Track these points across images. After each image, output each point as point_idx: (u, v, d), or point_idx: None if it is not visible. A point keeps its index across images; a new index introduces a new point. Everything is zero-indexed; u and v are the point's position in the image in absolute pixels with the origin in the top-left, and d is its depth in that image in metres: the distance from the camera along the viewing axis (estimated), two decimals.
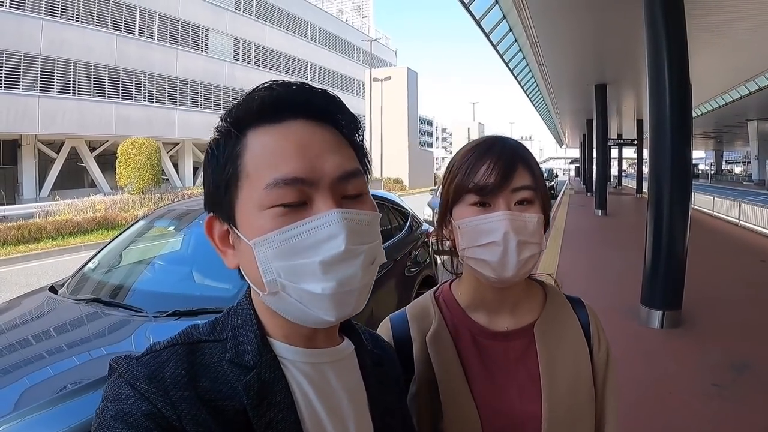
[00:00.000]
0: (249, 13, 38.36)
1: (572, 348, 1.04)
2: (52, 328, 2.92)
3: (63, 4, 25.55)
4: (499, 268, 0.94)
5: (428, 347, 1.04)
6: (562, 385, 0.99)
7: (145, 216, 4.43)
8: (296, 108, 0.69)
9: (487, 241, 0.94)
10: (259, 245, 0.65)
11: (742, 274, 8.72)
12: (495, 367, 1.03)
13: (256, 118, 0.68)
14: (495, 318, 1.07)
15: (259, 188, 0.65)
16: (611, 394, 1.08)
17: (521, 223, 0.94)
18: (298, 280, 0.64)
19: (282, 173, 0.64)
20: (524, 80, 21.69)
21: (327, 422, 0.71)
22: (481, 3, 11.82)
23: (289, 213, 0.65)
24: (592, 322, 1.10)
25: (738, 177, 68.49)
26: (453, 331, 1.07)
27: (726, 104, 26.49)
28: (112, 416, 0.59)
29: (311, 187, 0.66)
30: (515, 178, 0.96)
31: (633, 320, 5.78)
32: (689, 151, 5.87)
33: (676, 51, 5.66)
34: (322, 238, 0.64)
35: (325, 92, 0.72)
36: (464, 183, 0.98)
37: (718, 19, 10.85)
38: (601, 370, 1.07)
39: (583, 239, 12.70)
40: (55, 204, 16.73)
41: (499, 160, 0.96)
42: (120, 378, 0.63)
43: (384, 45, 61.17)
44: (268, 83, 0.70)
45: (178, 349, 0.67)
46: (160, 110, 31.43)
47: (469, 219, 0.97)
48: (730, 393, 4.04)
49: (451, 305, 1.11)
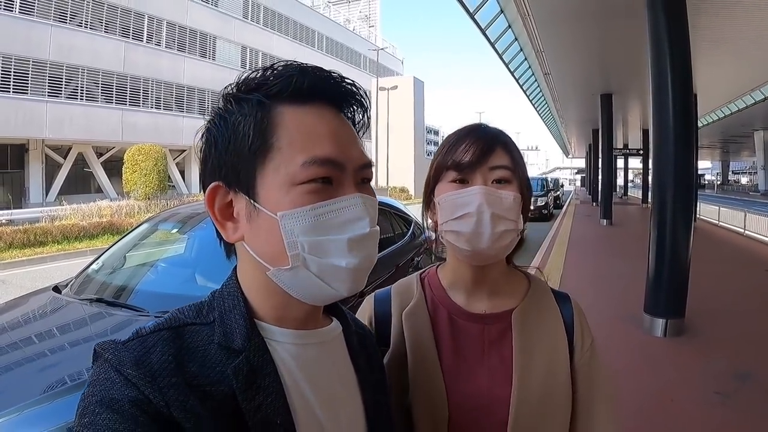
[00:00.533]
0: (256, 22, 38.50)
1: (550, 339, 1.04)
2: (55, 327, 2.95)
3: (72, 11, 25.66)
4: (474, 239, 0.96)
5: (403, 322, 1.06)
6: (535, 373, 0.99)
7: (149, 219, 4.45)
8: (327, 95, 0.72)
9: (463, 213, 0.96)
10: (287, 218, 0.66)
11: (746, 283, 8.68)
12: (468, 348, 1.04)
13: (289, 96, 0.69)
14: (473, 300, 1.08)
15: (295, 164, 0.66)
16: (602, 392, 1.07)
17: (496, 198, 0.96)
18: (324, 255, 0.67)
19: (320, 153, 0.67)
20: (530, 90, 21.70)
21: (316, 404, 0.72)
22: (486, 12, 11.85)
23: (321, 191, 0.67)
24: (577, 318, 1.09)
25: (744, 187, 68.36)
26: (432, 309, 1.09)
27: (732, 114, 26.37)
28: (98, 401, 0.59)
29: (340, 170, 0.69)
30: (493, 157, 0.98)
31: (636, 328, 5.77)
32: (693, 160, 5.88)
33: (679, 60, 5.68)
34: (349, 218, 0.68)
35: (356, 85, 0.75)
36: (444, 161, 1.02)
37: (722, 28, 10.87)
38: (585, 366, 1.06)
39: (588, 248, 12.70)
40: (62, 209, 16.84)
41: (479, 140, 1.00)
42: (106, 363, 0.62)
43: (391, 54, 61.29)
44: (296, 64, 0.71)
45: (164, 333, 0.66)
46: (168, 117, 31.49)
47: (447, 194, 0.99)
48: (733, 401, 4.02)
49: (433, 285, 1.13)
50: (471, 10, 11.29)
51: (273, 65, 0.71)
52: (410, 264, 5.12)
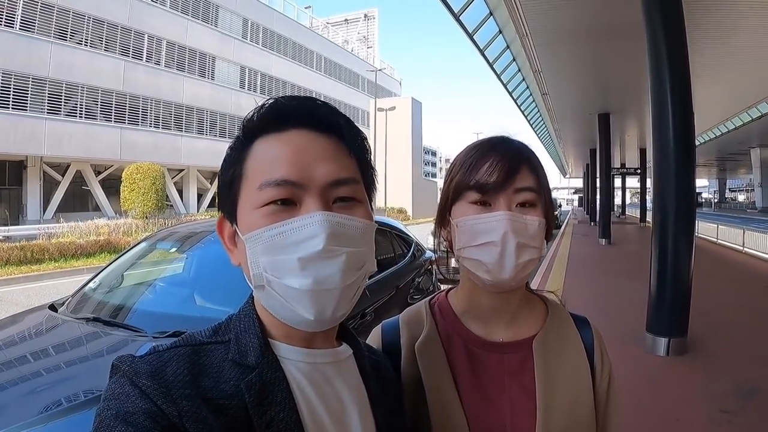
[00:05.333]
0: (255, 42, 38.79)
1: (573, 366, 0.99)
2: (50, 346, 2.90)
3: (72, 28, 25.81)
4: (496, 269, 0.90)
5: (417, 355, 1.00)
6: (559, 403, 0.94)
7: (147, 237, 4.42)
8: (299, 118, 0.73)
9: (485, 240, 0.91)
10: (249, 240, 0.69)
11: (747, 300, 8.71)
12: (487, 379, 0.98)
13: (261, 128, 0.73)
14: (491, 328, 1.02)
15: (254, 188, 0.70)
16: (614, 421, 1.03)
17: (522, 225, 0.91)
18: (281, 275, 0.68)
19: (273, 176, 0.69)
20: (527, 110, 21.87)
21: (327, 422, 0.72)
22: (485, 33, 11.96)
23: (278, 212, 0.69)
24: (597, 343, 1.05)
25: (741, 204, 68.76)
26: (445, 339, 1.03)
27: (729, 131, 26.60)
28: (113, 416, 0.60)
29: (301, 189, 0.69)
30: (518, 179, 0.92)
31: (638, 347, 5.74)
32: (693, 179, 5.89)
33: (678, 80, 5.71)
34: (303, 237, 0.67)
35: (327, 104, 0.76)
36: (465, 180, 0.95)
37: (719, 46, 11.00)
38: (603, 393, 1.02)
39: (587, 268, 12.72)
40: (59, 226, 16.86)
41: (503, 159, 0.93)
42: (122, 377, 0.64)
43: (389, 75, 61.77)
44: (272, 99, 0.75)
45: (181, 350, 0.69)
46: (166, 136, 31.57)
47: (468, 217, 0.93)
48: (739, 419, 3.99)
49: (445, 312, 1.07)
50: (470, 30, 11.38)
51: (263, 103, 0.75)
52: (411, 285, 5.09)
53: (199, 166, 34.21)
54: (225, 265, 2.96)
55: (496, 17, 11.09)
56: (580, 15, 9.68)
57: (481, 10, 10.86)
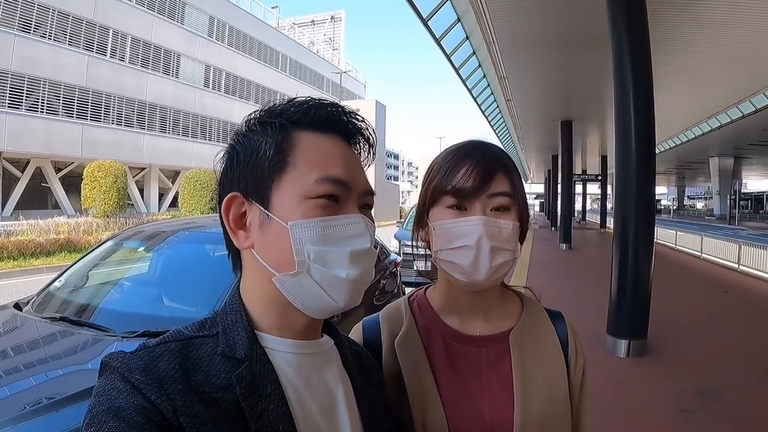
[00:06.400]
0: (221, 41, 38.36)
1: (549, 359, 1.04)
2: (16, 345, 2.85)
3: (36, 21, 25.21)
4: (471, 271, 0.95)
5: (397, 350, 1.03)
6: (536, 394, 0.98)
7: (113, 236, 4.34)
8: (340, 127, 0.81)
9: (461, 244, 0.95)
10: (297, 227, 0.72)
11: (705, 304, 9.02)
12: (466, 372, 1.02)
13: (307, 123, 0.78)
14: (468, 322, 1.06)
15: (310, 180, 0.73)
16: (587, 413, 1.09)
17: (496, 229, 0.95)
18: (327, 265, 0.72)
19: (332, 173, 0.75)
20: (491, 115, 22.09)
21: (316, 412, 0.75)
22: (452, 38, 12.07)
23: (328, 206, 0.74)
24: (571, 336, 1.09)
25: (699, 212, 70.40)
26: (424, 334, 1.06)
27: (689, 141, 27.31)
28: (104, 411, 0.60)
29: (347, 191, 0.76)
30: (493, 184, 0.97)
31: (599, 349, 5.88)
32: (653, 186, 6.06)
33: (641, 90, 5.89)
34: (352, 234, 0.75)
35: (366, 122, 0.85)
36: (442, 185, 0.99)
37: (682, 59, 11.27)
38: (577, 386, 1.07)
39: (548, 272, 12.90)
40: (18, 224, 16.34)
41: (479, 165, 0.97)
42: (114, 373, 0.64)
43: (354, 78, 61.61)
44: (317, 100, 0.80)
45: (171, 345, 0.70)
46: (129, 134, 31.00)
47: (444, 221, 0.98)
48: (698, 418, 4.14)
49: (424, 309, 1.11)
50: (437, 35, 11.47)
51: (293, 99, 0.81)
52: (376, 287, 5.12)
53: (161, 165, 33.71)
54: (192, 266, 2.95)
55: (464, 23, 11.24)
56: (547, 24, 9.87)
57: (450, 16, 10.98)
